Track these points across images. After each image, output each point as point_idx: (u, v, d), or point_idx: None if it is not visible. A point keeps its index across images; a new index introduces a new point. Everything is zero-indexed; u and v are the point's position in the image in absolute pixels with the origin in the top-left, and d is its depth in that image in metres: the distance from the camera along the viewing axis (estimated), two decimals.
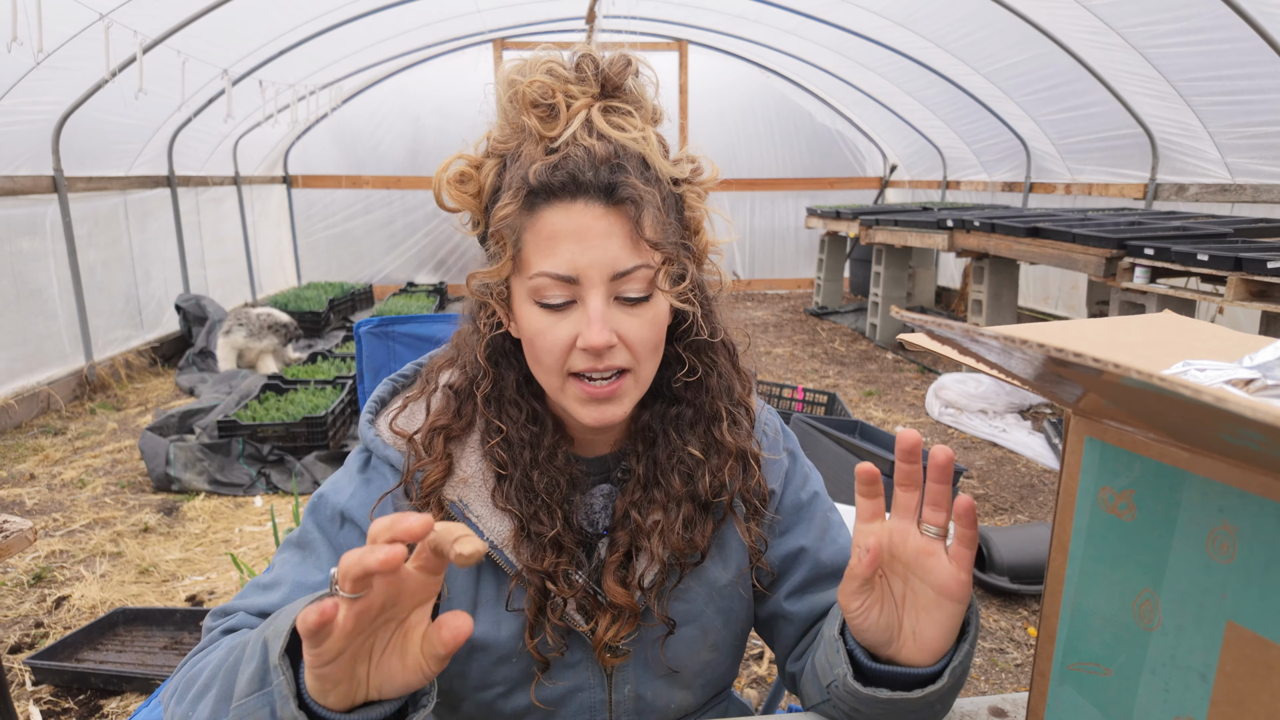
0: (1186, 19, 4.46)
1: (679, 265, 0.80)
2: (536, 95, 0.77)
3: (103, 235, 5.60)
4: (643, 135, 0.79)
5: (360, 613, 0.57)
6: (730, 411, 0.92)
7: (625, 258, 0.76)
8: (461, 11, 7.35)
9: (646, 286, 0.78)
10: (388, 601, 0.60)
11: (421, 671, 0.62)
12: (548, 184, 0.75)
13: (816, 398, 4.07)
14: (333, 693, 0.60)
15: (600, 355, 0.78)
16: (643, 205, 0.76)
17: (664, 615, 0.89)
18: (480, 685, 0.89)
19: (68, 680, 2.33)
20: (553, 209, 0.76)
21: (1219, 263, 3.58)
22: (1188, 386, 0.35)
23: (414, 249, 9.26)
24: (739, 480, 0.91)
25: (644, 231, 0.77)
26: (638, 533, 0.87)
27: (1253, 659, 0.48)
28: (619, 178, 0.75)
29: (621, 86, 0.80)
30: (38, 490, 3.77)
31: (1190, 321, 0.73)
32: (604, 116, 0.78)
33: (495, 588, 0.87)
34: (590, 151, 0.75)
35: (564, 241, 0.76)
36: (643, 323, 0.79)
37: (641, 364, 0.81)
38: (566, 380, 0.80)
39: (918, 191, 9.42)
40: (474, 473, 0.87)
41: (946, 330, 0.53)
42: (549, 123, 0.78)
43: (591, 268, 0.76)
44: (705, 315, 0.88)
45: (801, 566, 0.95)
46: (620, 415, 0.82)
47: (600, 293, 0.77)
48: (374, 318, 1.41)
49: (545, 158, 0.76)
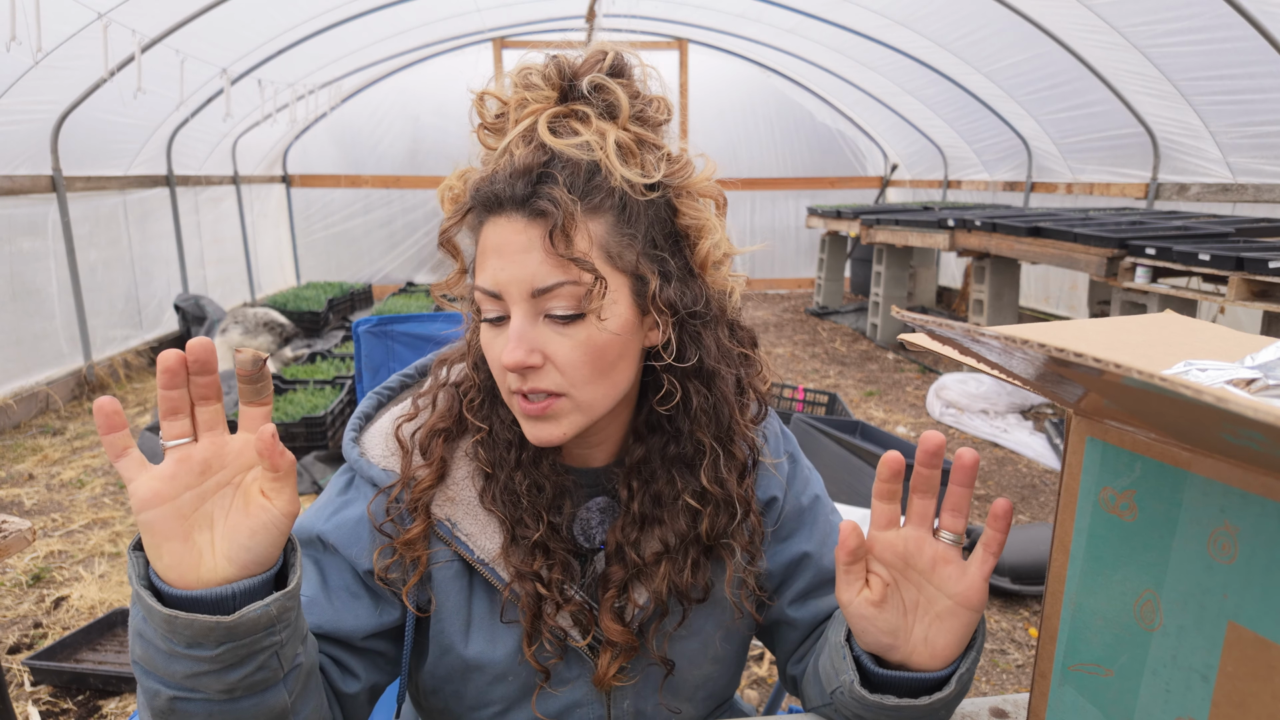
0: (1188, 18, 4.46)
1: (640, 280, 0.75)
2: (489, 110, 0.78)
3: (101, 235, 5.60)
4: (596, 140, 0.73)
5: (181, 459, 0.61)
6: (714, 449, 0.83)
7: (545, 274, 0.71)
8: (461, 10, 7.35)
9: (575, 304, 0.72)
10: (211, 457, 0.63)
11: (266, 512, 0.63)
12: (480, 197, 0.75)
13: (817, 398, 4.07)
14: (166, 551, 0.61)
15: (523, 375, 0.74)
16: (563, 217, 0.71)
17: (662, 656, 0.87)
18: (476, 705, 0.88)
19: (66, 681, 2.33)
20: (487, 224, 0.75)
21: (1220, 262, 3.58)
22: (1189, 386, 0.35)
23: (413, 249, 9.26)
24: (723, 524, 0.85)
25: (560, 247, 0.71)
26: (638, 571, 0.84)
27: (1254, 660, 0.48)
28: (539, 188, 0.71)
29: (584, 89, 0.75)
30: (36, 490, 3.77)
31: (1192, 321, 0.72)
32: (549, 123, 0.74)
33: (488, 605, 0.86)
34: (514, 162, 0.73)
35: (490, 256, 0.74)
36: (574, 344, 0.73)
37: (578, 388, 0.75)
38: (511, 396, 0.78)
39: (919, 191, 9.42)
40: (463, 481, 0.85)
41: (947, 330, 0.53)
42: (497, 135, 0.78)
43: (511, 284, 0.73)
44: (692, 337, 0.80)
45: (805, 572, 0.94)
46: (559, 436, 0.77)
47: (521, 310, 0.73)
48: (373, 317, 1.40)
49: (480, 172, 0.77)
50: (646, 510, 0.84)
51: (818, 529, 0.95)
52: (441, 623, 0.85)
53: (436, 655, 0.87)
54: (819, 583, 0.94)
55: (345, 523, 0.84)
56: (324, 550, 0.85)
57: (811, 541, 0.94)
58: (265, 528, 0.63)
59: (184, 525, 0.62)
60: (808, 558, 0.94)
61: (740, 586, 0.88)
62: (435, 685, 0.89)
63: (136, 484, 0.60)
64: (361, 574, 0.84)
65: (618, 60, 0.77)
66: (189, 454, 0.62)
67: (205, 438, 0.63)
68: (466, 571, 0.85)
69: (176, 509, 0.61)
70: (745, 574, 0.88)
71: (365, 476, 0.86)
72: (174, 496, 0.61)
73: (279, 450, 0.62)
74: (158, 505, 0.60)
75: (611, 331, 0.75)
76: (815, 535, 0.95)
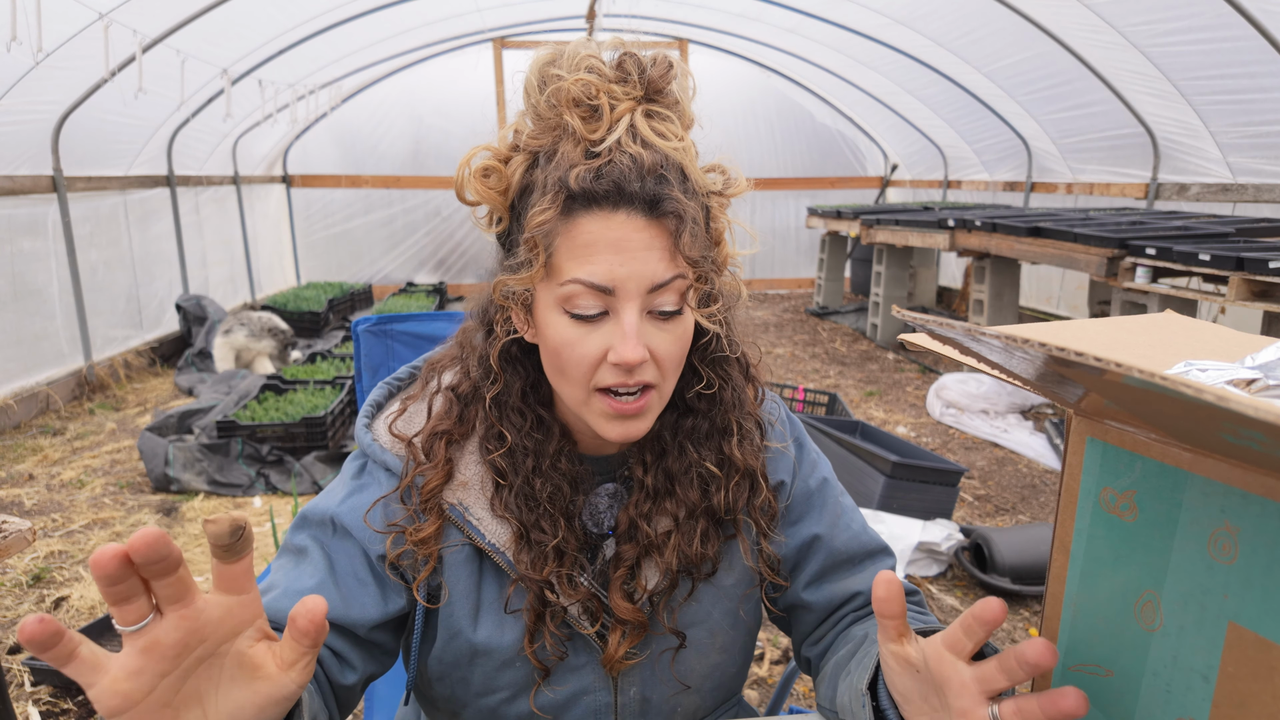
0: (1188, 18, 4.46)
1: (709, 283, 0.79)
2: (579, 93, 0.73)
3: (102, 235, 5.60)
4: (683, 145, 0.76)
5: (147, 649, 0.51)
6: (741, 425, 0.90)
7: (663, 270, 0.74)
8: (461, 10, 7.35)
9: (679, 300, 0.76)
10: (186, 637, 0.53)
11: (279, 687, 0.57)
12: (590, 191, 0.72)
13: (817, 398, 4.07)
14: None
15: (631, 371, 0.75)
16: (684, 219, 0.74)
17: (673, 628, 0.88)
18: (483, 691, 0.88)
19: (67, 681, 2.33)
20: (592, 217, 0.73)
21: (1221, 262, 3.58)
22: (1189, 386, 0.35)
23: (414, 249, 9.26)
24: (744, 497, 0.89)
25: (683, 247, 0.74)
26: (649, 546, 0.85)
27: (1255, 660, 0.48)
28: (663, 190, 0.73)
29: (663, 90, 0.77)
30: (36, 491, 3.77)
31: (1192, 321, 0.72)
32: (647, 122, 0.75)
33: (498, 591, 0.86)
34: (636, 161, 0.73)
35: (602, 252, 0.73)
36: (674, 339, 0.77)
37: (666, 379, 0.79)
38: (592, 395, 0.78)
39: (919, 191, 9.42)
40: (473, 476, 0.86)
41: (948, 330, 0.53)
42: (591, 124, 0.74)
43: (630, 280, 0.73)
44: (726, 330, 0.87)
45: (817, 555, 0.95)
46: (644, 431, 0.80)
47: (635, 306, 0.74)
48: (372, 316, 1.40)
49: (587, 162, 0.73)
50: (660, 483, 0.87)
51: (827, 511, 0.96)
52: (450, 607, 0.86)
53: (445, 640, 0.87)
54: (831, 565, 0.95)
55: (359, 506, 0.85)
56: (334, 534, 0.85)
57: (822, 523, 0.95)
58: (276, 703, 0.58)
59: (169, 712, 0.54)
60: (819, 539, 0.95)
61: (757, 558, 0.91)
62: (442, 671, 0.89)
63: (98, 690, 0.50)
64: (373, 559, 0.84)
65: (678, 68, 0.79)
66: (156, 640, 0.52)
67: (173, 615, 0.52)
68: (476, 556, 0.86)
69: (155, 701, 0.53)
70: (760, 547, 0.91)
71: (378, 461, 0.87)
72: (148, 691, 0.52)
73: (324, 628, 0.56)
74: (129, 709, 0.51)
75: (692, 327, 0.80)
76: (825, 517, 0.96)
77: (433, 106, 8.87)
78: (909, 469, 3.10)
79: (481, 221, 0.83)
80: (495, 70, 8.69)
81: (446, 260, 9.31)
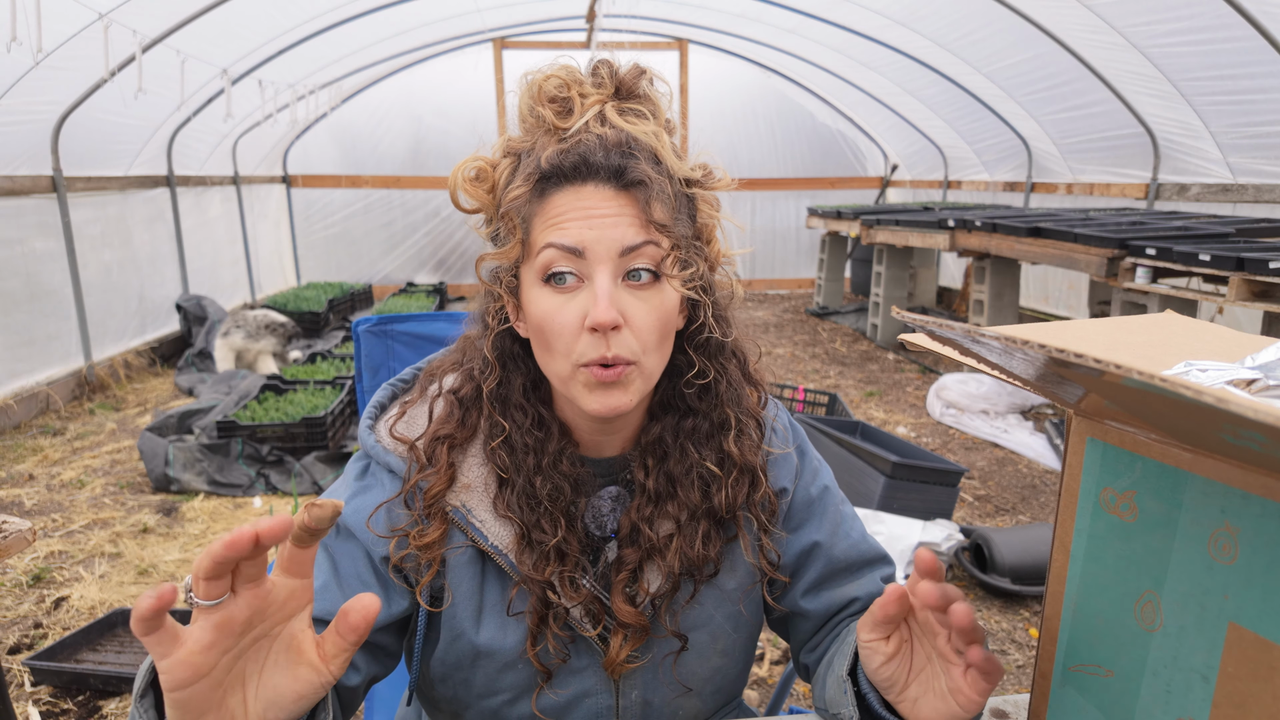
0: (1188, 18, 4.46)
1: (687, 253, 0.80)
2: (553, 90, 0.79)
3: (102, 235, 5.60)
4: (653, 131, 0.79)
5: (220, 624, 0.54)
6: (740, 421, 0.90)
7: (633, 235, 0.76)
8: (461, 11, 7.35)
9: (654, 264, 0.78)
10: (253, 615, 0.56)
11: (319, 675, 0.59)
12: (558, 167, 0.76)
13: (817, 398, 4.07)
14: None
15: (607, 336, 0.76)
16: (652, 187, 0.76)
17: (674, 631, 0.88)
18: (485, 692, 0.88)
19: (67, 681, 2.33)
20: (562, 192, 0.76)
21: (1221, 263, 3.58)
22: (1189, 387, 0.35)
23: (414, 249, 9.25)
24: (744, 494, 0.89)
25: (653, 215, 0.76)
26: (651, 549, 0.86)
27: (1255, 660, 0.48)
28: (629, 162, 0.76)
29: (635, 91, 0.81)
30: (36, 491, 3.77)
31: (1192, 322, 0.72)
32: (618, 114, 0.79)
33: (500, 593, 0.86)
34: (602, 138, 0.77)
35: (573, 220, 0.76)
36: (650, 308, 0.78)
37: (647, 353, 0.79)
38: (576, 370, 0.79)
39: (919, 191, 9.42)
40: (476, 479, 0.86)
41: (948, 331, 0.53)
42: (564, 116, 0.79)
43: (598, 243, 0.75)
44: (717, 317, 0.87)
45: (816, 563, 0.95)
46: (627, 405, 0.79)
47: (608, 270, 0.76)
48: (372, 316, 1.40)
49: (558, 145, 0.77)
50: (661, 486, 0.87)
51: (828, 519, 0.96)
52: (453, 609, 0.86)
53: (447, 641, 0.87)
54: (830, 573, 0.95)
55: (363, 508, 0.85)
56: (338, 535, 0.86)
57: (822, 531, 0.95)
58: (314, 691, 0.60)
59: (218, 693, 0.56)
60: (818, 547, 0.95)
61: (758, 554, 0.91)
62: (445, 672, 0.89)
63: (170, 661, 0.53)
64: (377, 561, 0.85)
65: (651, 75, 0.84)
66: (230, 616, 0.55)
67: (246, 593, 0.56)
68: (479, 559, 0.86)
69: (213, 680, 0.55)
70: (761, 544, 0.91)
71: (382, 463, 0.88)
72: (214, 666, 0.55)
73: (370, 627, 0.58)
74: (197, 681, 0.54)
75: (674, 303, 0.80)
76: (825, 525, 0.96)
77: (433, 107, 8.87)
78: (909, 469, 3.10)
79: (482, 231, 0.86)
80: (495, 70, 8.69)
81: (446, 260, 9.31)
